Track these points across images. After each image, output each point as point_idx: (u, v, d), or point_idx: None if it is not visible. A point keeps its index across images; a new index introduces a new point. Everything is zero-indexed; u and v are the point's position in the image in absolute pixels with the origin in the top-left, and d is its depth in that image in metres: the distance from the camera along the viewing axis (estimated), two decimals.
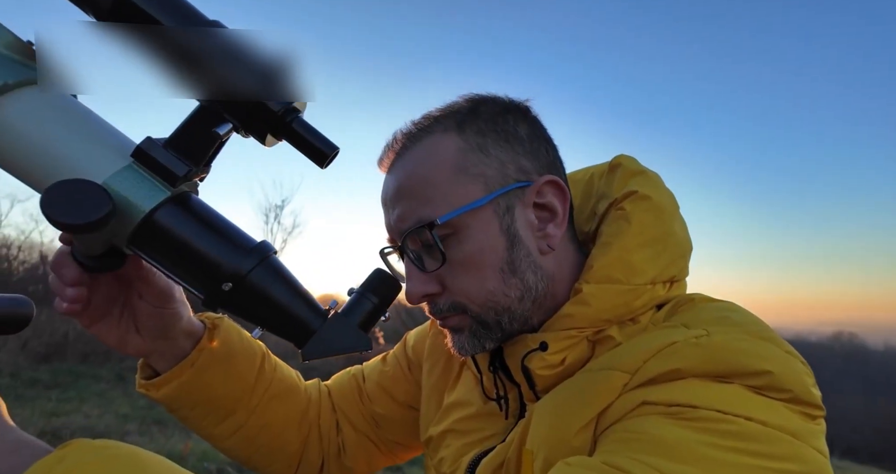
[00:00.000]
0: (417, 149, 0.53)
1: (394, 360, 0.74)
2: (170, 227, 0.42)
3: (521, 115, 0.54)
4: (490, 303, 0.51)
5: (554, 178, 0.52)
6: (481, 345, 0.52)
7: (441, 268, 0.51)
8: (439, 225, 0.49)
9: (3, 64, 0.38)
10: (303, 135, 0.43)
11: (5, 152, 0.39)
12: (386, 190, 0.55)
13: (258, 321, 0.47)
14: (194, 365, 0.59)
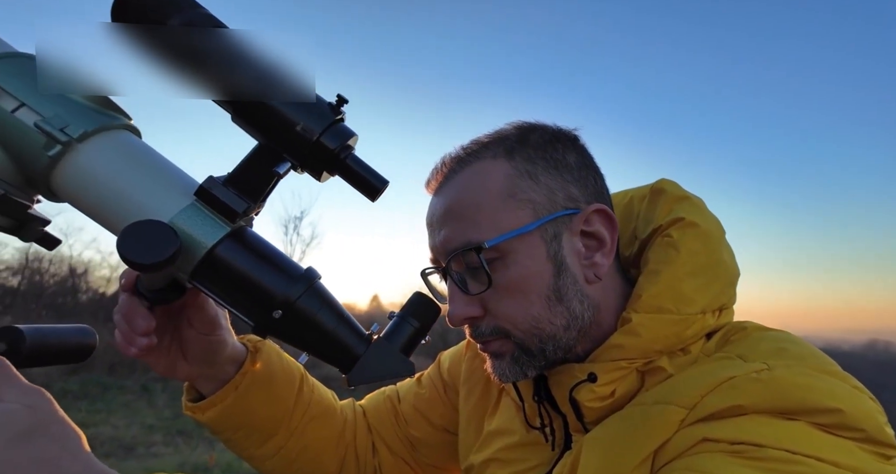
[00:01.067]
0: (466, 173, 0.53)
1: (429, 382, 0.74)
2: (229, 261, 0.44)
3: (569, 144, 0.54)
4: (534, 329, 0.50)
5: (602, 207, 0.52)
6: (523, 373, 0.52)
7: (485, 291, 0.50)
8: (486, 249, 0.49)
9: (82, 113, 0.40)
10: (357, 171, 0.45)
11: (84, 196, 0.41)
12: (432, 211, 0.55)
13: (305, 346, 0.48)
14: (238, 388, 0.60)
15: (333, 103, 0.43)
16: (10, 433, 0.30)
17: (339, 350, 0.47)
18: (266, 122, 0.41)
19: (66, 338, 0.48)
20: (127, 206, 0.41)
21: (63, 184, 0.40)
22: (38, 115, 0.38)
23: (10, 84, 0.38)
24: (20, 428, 0.31)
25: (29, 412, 0.32)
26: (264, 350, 0.63)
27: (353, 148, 0.45)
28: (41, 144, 0.38)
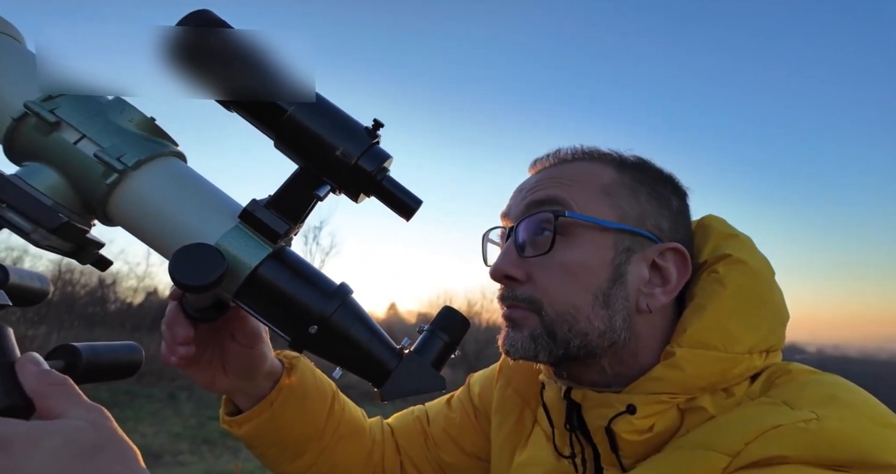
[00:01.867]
0: (577, 164, 0.56)
1: (459, 406, 0.73)
2: (270, 280, 0.45)
3: (677, 192, 0.57)
4: (569, 316, 0.50)
5: (682, 249, 0.52)
6: (534, 353, 0.51)
7: (538, 257, 0.51)
8: (565, 217, 0.51)
9: (135, 142, 0.42)
10: (392, 192, 0.46)
11: (137, 220, 0.43)
12: (528, 180, 0.57)
13: (339, 361, 0.49)
14: (273, 404, 0.61)
15: (370, 127, 0.45)
16: (77, 449, 0.32)
17: (372, 364, 0.48)
18: (308, 148, 0.43)
19: (117, 355, 0.50)
20: (176, 229, 0.43)
21: (118, 210, 0.43)
22: (97, 145, 0.41)
23: (73, 118, 0.40)
24: (86, 444, 0.33)
25: (93, 429, 0.34)
26: (299, 366, 0.64)
27: (388, 170, 0.46)
28: (100, 173, 0.41)
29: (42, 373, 0.35)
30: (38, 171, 0.40)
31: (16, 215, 0.38)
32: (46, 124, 0.39)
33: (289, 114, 0.42)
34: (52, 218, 0.38)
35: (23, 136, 0.40)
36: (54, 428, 0.32)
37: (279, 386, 0.62)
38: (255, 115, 0.43)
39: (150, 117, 0.45)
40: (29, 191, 0.39)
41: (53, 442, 0.31)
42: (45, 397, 0.34)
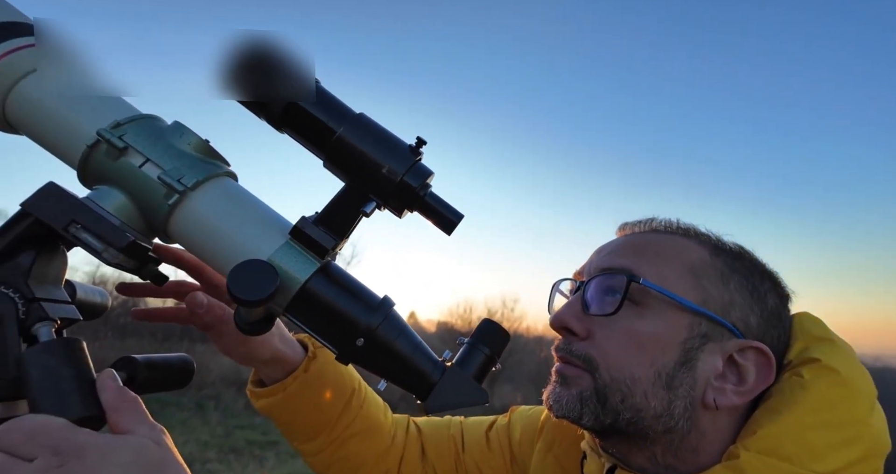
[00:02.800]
0: (668, 237, 0.54)
1: (497, 446, 0.71)
2: (319, 294, 0.47)
3: (777, 290, 0.53)
4: (625, 386, 0.48)
5: (767, 351, 0.48)
6: (578, 415, 0.49)
7: (602, 317, 0.50)
8: (639, 284, 0.49)
9: (193, 164, 0.45)
10: (435, 207, 0.47)
11: (195, 238, 0.45)
12: (612, 242, 0.56)
13: (383, 373, 0.50)
14: (287, 389, 0.63)
15: (413, 145, 0.46)
16: (143, 465, 0.33)
17: (415, 377, 0.49)
18: (355, 166, 0.44)
19: (171, 366, 0.52)
20: (232, 246, 0.45)
21: (178, 228, 0.45)
22: (160, 168, 0.43)
23: (138, 143, 0.43)
24: (150, 462, 0.34)
25: (157, 448, 0.35)
26: (320, 357, 0.65)
27: (430, 185, 0.48)
28: (162, 194, 0.43)
29: (118, 390, 0.37)
30: (107, 194, 0.43)
31: (89, 236, 0.40)
32: (116, 149, 0.42)
33: (338, 134, 0.43)
34: (121, 238, 0.41)
35: (94, 161, 0.42)
36: (124, 444, 0.34)
37: (294, 374, 0.62)
38: (305, 136, 0.45)
39: (205, 139, 0.48)
40: (100, 212, 0.41)
41: (123, 457, 0.33)
42: (118, 412, 0.36)
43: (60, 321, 0.41)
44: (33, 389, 0.35)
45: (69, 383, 0.36)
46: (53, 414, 0.34)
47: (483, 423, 0.75)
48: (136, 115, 0.45)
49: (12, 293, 0.38)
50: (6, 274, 0.39)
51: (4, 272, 0.39)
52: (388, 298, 0.51)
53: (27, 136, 0.45)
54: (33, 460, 0.31)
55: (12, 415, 0.38)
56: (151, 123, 0.45)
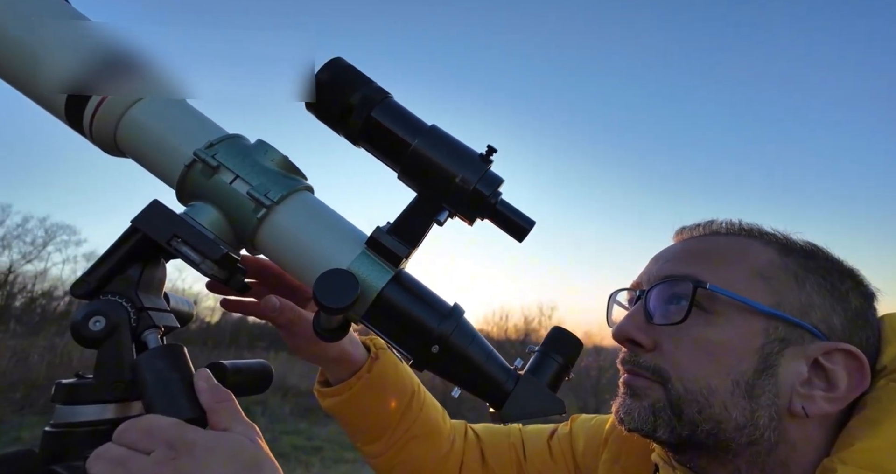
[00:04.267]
0: (731, 239, 0.51)
1: (561, 457, 0.70)
2: (394, 302, 0.48)
3: (860, 289, 0.50)
4: (701, 397, 0.45)
5: (858, 354, 0.45)
6: (653, 427, 0.47)
7: (668, 326, 0.48)
8: (705, 290, 0.46)
9: (277, 179, 0.47)
10: (506, 215, 0.48)
11: (279, 248, 0.48)
12: (669, 248, 0.54)
13: (457, 381, 0.51)
14: (352, 388, 0.64)
15: (483, 153, 0.47)
16: (243, 462, 0.36)
17: (489, 385, 0.50)
18: (430, 176, 0.46)
19: (254, 372, 0.55)
20: (314, 256, 0.47)
21: (263, 240, 0.48)
22: (248, 184, 0.46)
23: (228, 161, 0.46)
24: (249, 458, 0.37)
25: (253, 445, 0.38)
26: (382, 359, 0.65)
27: (501, 193, 0.48)
28: (251, 209, 0.46)
29: (213, 389, 0.40)
30: (202, 210, 0.46)
31: (189, 249, 0.43)
32: (209, 168, 0.45)
33: (413, 147, 0.45)
34: (216, 250, 0.44)
35: (191, 179, 0.46)
36: (225, 441, 0.37)
37: (359, 374, 0.63)
38: (381, 149, 0.47)
39: (285, 155, 0.50)
40: (197, 227, 0.44)
41: (225, 453, 0.36)
42: (215, 411, 0.39)
43: (164, 328, 0.44)
44: (148, 391, 0.38)
45: (177, 386, 0.39)
46: (166, 414, 0.37)
47: (543, 432, 0.74)
48: (225, 135, 0.48)
49: (125, 303, 0.42)
50: (120, 286, 0.43)
51: (118, 284, 0.43)
52: (459, 306, 0.52)
53: (133, 159, 0.49)
54: (150, 453, 0.34)
55: (127, 415, 0.41)
56: (238, 142, 0.48)
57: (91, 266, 0.43)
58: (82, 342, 0.40)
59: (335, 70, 0.45)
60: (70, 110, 0.47)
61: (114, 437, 0.35)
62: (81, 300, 0.42)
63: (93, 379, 0.40)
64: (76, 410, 0.40)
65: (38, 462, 0.37)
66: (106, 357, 0.40)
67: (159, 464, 0.34)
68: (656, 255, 0.55)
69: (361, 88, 0.45)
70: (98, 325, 0.40)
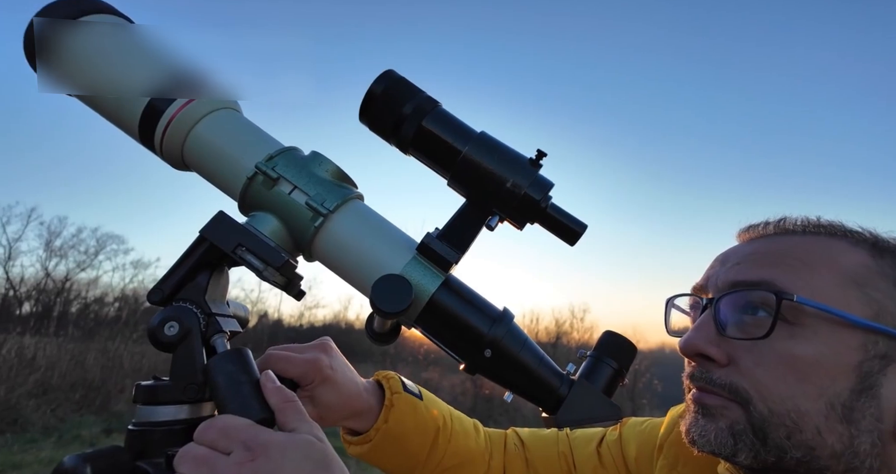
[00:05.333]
0: (811, 239, 0.47)
1: (611, 463, 0.68)
2: (446, 306, 0.49)
3: None
4: (789, 421, 0.41)
5: None
6: (732, 451, 0.43)
7: (747, 341, 0.43)
8: (791, 302, 0.42)
9: (331, 189, 0.49)
10: (558, 219, 0.48)
11: (334, 255, 0.49)
12: (737, 250, 0.49)
13: (509, 385, 0.51)
14: (372, 440, 0.63)
15: (533, 158, 0.47)
16: (315, 461, 0.38)
17: (542, 389, 0.50)
18: (481, 182, 0.47)
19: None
20: (368, 262, 0.49)
21: (320, 247, 0.49)
22: (306, 194, 0.48)
23: (287, 172, 0.48)
24: (319, 458, 0.38)
25: (321, 444, 0.39)
26: (397, 406, 0.64)
27: (551, 197, 0.48)
28: (309, 217, 0.48)
29: (278, 390, 0.42)
30: (263, 219, 0.48)
31: (253, 257, 0.45)
32: (270, 180, 0.47)
33: (464, 153, 0.46)
34: (278, 258, 0.46)
35: (252, 191, 0.48)
36: (296, 441, 0.38)
37: (376, 426, 0.62)
38: (432, 156, 0.48)
39: (338, 166, 0.52)
40: (260, 236, 0.46)
41: (297, 453, 0.37)
42: (282, 411, 0.40)
43: (230, 333, 0.47)
44: (220, 393, 0.40)
45: (248, 388, 0.41)
46: (239, 415, 0.39)
47: (592, 438, 0.72)
48: (282, 148, 0.50)
49: (195, 309, 0.44)
50: (190, 293, 0.45)
51: (189, 291, 0.45)
52: (508, 310, 0.52)
53: (197, 173, 0.52)
54: (229, 454, 0.36)
55: (199, 415, 0.43)
56: (295, 154, 0.50)
57: (164, 275, 0.46)
58: (158, 346, 0.43)
59: (388, 82, 0.46)
60: (143, 130, 0.50)
61: (195, 437, 0.37)
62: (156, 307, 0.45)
63: (169, 381, 0.43)
64: (155, 410, 0.42)
65: (126, 457, 0.39)
66: (180, 360, 0.42)
67: (240, 465, 0.35)
68: (722, 256, 0.50)
69: (413, 99, 0.46)
70: (172, 331, 0.43)
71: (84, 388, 5.44)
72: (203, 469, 0.35)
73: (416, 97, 0.46)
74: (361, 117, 0.48)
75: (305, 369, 0.56)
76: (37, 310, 11.46)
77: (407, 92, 0.46)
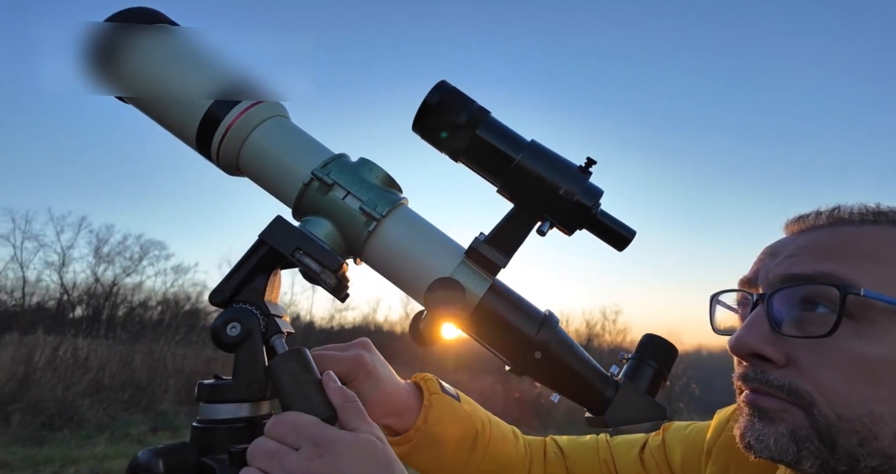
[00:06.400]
0: (870, 229, 0.44)
1: (655, 470, 0.66)
2: (494, 309, 0.50)
3: None
4: (862, 427, 0.39)
5: None
6: (795, 458, 0.40)
7: (805, 340, 0.41)
8: (858, 296, 0.39)
9: (382, 194, 0.50)
10: (608, 225, 0.48)
11: (385, 259, 0.51)
12: (789, 242, 0.46)
13: (557, 387, 0.51)
14: (411, 441, 0.62)
15: (583, 165, 0.47)
16: (378, 462, 0.39)
17: (588, 391, 0.50)
18: (533, 189, 0.47)
19: None
20: (418, 266, 0.50)
21: (372, 251, 0.51)
22: (359, 200, 0.49)
23: (340, 178, 0.50)
24: (382, 457, 0.39)
25: (381, 444, 0.40)
26: (435, 406, 0.64)
27: (601, 204, 0.48)
28: (362, 222, 0.49)
29: (340, 389, 0.43)
30: (318, 224, 0.50)
31: (310, 260, 0.47)
32: (325, 185, 0.49)
33: (517, 161, 0.46)
34: (335, 261, 0.47)
35: (308, 196, 0.50)
36: (360, 440, 0.39)
37: (416, 426, 0.62)
38: (483, 164, 0.49)
39: (386, 171, 0.53)
40: (316, 240, 0.48)
41: (361, 452, 0.38)
42: (344, 410, 0.42)
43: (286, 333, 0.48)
44: (286, 391, 0.42)
45: (311, 387, 0.42)
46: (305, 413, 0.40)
47: (634, 444, 0.70)
48: (334, 155, 0.52)
49: (255, 310, 0.46)
50: (249, 294, 0.47)
51: (248, 293, 0.47)
52: (552, 314, 0.52)
53: (250, 178, 0.54)
54: (298, 449, 0.37)
55: (258, 414, 0.45)
56: (346, 161, 0.52)
57: (224, 277, 0.48)
58: (221, 346, 0.45)
59: (442, 93, 0.47)
60: (201, 138, 0.52)
61: (265, 431, 0.39)
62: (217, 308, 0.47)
63: (231, 380, 0.44)
64: (217, 408, 0.44)
65: (192, 453, 0.41)
66: (243, 360, 0.44)
67: (308, 460, 0.37)
68: (772, 249, 0.47)
69: (466, 108, 0.47)
70: (234, 331, 0.44)
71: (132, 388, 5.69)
72: (274, 462, 0.37)
73: (469, 107, 0.47)
74: (415, 127, 0.49)
75: (350, 366, 0.56)
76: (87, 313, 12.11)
77: (460, 102, 0.47)
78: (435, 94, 0.47)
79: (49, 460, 3.71)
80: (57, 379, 5.22)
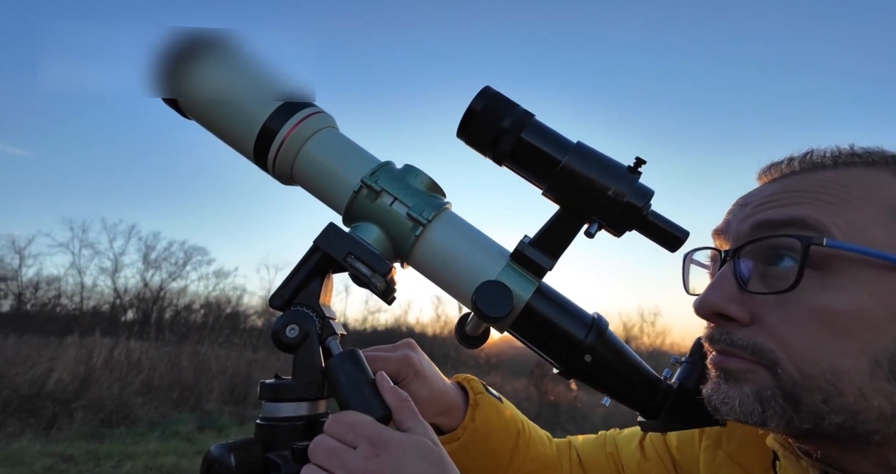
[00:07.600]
0: (844, 172, 0.41)
1: (655, 457, 0.67)
2: (541, 312, 0.50)
3: None
4: (826, 383, 0.37)
5: None
6: (761, 418, 0.38)
7: (770, 296, 0.38)
8: (821, 246, 0.36)
9: (427, 200, 0.52)
10: (659, 226, 0.47)
11: (431, 263, 0.52)
12: (761, 189, 0.44)
13: (607, 390, 0.51)
14: (460, 438, 0.63)
15: (631, 165, 0.47)
16: (432, 462, 0.40)
17: (640, 395, 0.50)
18: (581, 191, 0.47)
19: None
20: (465, 269, 0.50)
21: (419, 255, 0.52)
22: (406, 206, 0.51)
23: (388, 185, 0.51)
24: (436, 458, 0.40)
25: (434, 445, 0.41)
26: (482, 405, 0.65)
27: (651, 204, 0.48)
28: (409, 227, 0.50)
29: (394, 390, 0.44)
30: (367, 229, 0.51)
31: (362, 265, 0.49)
32: (374, 192, 0.51)
33: (563, 163, 0.47)
34: (385, 265, 0.49)
35: (357, 203, 0.52)
36: (414, 441, 0.40)
37: (464, 424, 0.63)
38: (529, 167, 0.49)
39: (431, 177, 0.55)
40: (367, 245, 0.50)
41: (416, 452, 0.39)
42: (399, 410, 0.43)
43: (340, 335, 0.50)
44: (342, 391, 0.43)
45: (367, 387, 0.43)
46: (361, 412, 0.41)
47: (636, 434, 0.70)
48: (381, 163, 0.53)
49: (312, 313, 0.48)
50: (306, 298, 0.49)
51: (304, 296, 0.49)
52: (602, 317, 0.52)
53: (303, 187, 0.56)
54: (356, 448, 0.38)
55: (316, 412, 0.47)
56: (392, 168, 0.53)
57: (283, 281, 0.50)
58: (281, 347, 0.47)
59: (487, 98, 0.48)
60: (258, 150, 0.55)
61: (325, 429, 0.41)
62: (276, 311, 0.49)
63: (291, 380, 0.46)
64: (278, 407, 0.46)
65: (258, 449, 0.43)
66: (302, 361, 0.46)
67: (366, 460, 0.38)
68: (742, 200, 0.44)
69: (511, 113, 0.48)
70: (293, 333, 0.47)
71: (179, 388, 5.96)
72: (334, 460, 0.38)
73: (514, 111, 0.48)
74: (460, 134, 0.50)
75: (399, 366, 0.58)
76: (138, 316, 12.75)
77: (504, 106, 0.48)
78: (480, 100, 0.48)
79: (108, 455, 3.93)
80: (113, 378, 5.53)
